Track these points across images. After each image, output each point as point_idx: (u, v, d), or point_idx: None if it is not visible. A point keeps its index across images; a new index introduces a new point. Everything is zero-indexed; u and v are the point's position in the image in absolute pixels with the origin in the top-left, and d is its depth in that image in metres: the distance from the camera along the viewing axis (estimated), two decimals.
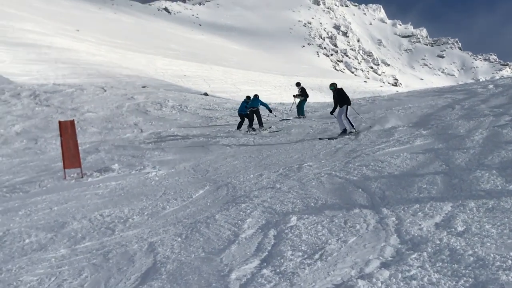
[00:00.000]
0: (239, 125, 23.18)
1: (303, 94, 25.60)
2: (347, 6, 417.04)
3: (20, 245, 9.43)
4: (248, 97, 24.26)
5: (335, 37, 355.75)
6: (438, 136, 14.40)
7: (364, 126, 17.89)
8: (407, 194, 9.49)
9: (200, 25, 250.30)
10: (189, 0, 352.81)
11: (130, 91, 32.59)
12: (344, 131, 17.62)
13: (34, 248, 9.22)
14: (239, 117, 23.78)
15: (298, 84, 26.69)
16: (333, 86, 18.72)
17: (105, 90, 31.66)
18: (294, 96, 26.69)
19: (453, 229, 7.26)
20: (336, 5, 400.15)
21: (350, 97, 18.50)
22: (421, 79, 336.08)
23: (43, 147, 19.33)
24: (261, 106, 23.63)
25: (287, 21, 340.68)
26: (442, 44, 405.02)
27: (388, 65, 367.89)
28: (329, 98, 54.47)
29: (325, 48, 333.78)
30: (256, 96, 24.06)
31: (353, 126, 17.62)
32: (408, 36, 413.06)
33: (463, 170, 10.50)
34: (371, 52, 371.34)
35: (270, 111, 24.24)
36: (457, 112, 17.69)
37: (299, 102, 25.77)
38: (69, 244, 9.17)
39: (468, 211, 7.94)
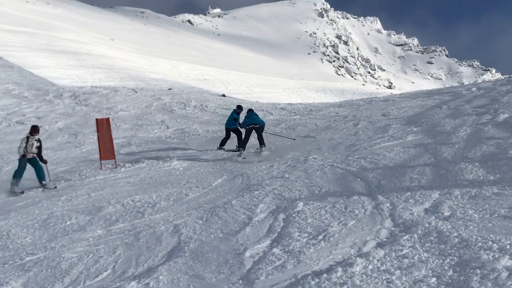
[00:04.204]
0: (223, 142, 16.94)
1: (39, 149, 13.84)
2: (347, 18, 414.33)
3: (62, 226, 9.51)
4: (239, 107, 17.50)
5: (337, 45, 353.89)
6: (427, 132, 14.33)
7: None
8: (400, 183, 9.48)
9: (219, 35, 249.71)
10: (209, 13, 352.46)
11: (158, 92, 32.62)
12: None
13: (74, 229, 9.29)
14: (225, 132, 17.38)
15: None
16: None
17: (135, 92, 31.74)
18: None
19: (440, 214, 7.25)
20: (338, 17, 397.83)
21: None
22: (413, 82, 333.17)
23: (82, 141, 19.41)
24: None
25: (295, 32, 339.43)
26: (431, 52, 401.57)
27: (384, 70, 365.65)
28: (331, 99, 54.37)
29: (328, 55, 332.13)
30: (250, 111, 17.06)
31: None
32: (401, 44, 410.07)
33: (449, 162, 10.47)
34: (368, 59, 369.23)
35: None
36: (444, 112, 17.57)
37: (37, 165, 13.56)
38: (105, 226, 9.23)
39: (454, 198, 7.93)
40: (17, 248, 8.42)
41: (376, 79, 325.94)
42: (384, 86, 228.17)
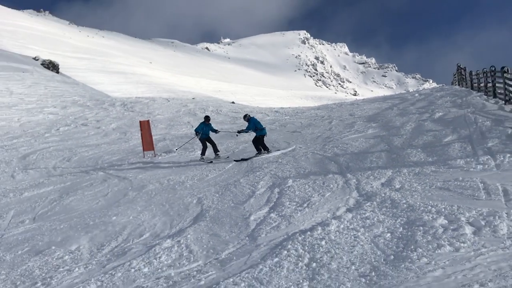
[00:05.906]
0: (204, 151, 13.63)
1: None
2: (323, 44, 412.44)
3: (117, 199, 9.53)
4: (207, 117, 14.00)
5: (316, 64, 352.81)
6: (382, 127, 14.30)
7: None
8: (363, 164, 9.47)
9: (229, 58, 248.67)
10: (221, 42, 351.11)
11: (184, 101, 32.49)
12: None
13: (126, 201, 9.30)
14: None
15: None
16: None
17: (168, 101, 31.60)
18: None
19: (393, 187, 7.26)
20: (316, 43, 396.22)
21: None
22: (372, 90, 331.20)
23: (130, 137, 19.35)
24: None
25: (285, 55, 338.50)
26: (385, 68, 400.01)
27: (350, 82, 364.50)
28: (312, 104, 54.23)
29: (309, 72, 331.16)
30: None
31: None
32: (363, 63, 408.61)
33: (399, 149, 10.47)
34: (339, 74, 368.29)
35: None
36: (395, 112, 17.52)
37: None
38: (147, 199, 9.24)
39: (402, 175, 7.93)
40: (82, 215, 8.44)
41: (344, 88, 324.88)
42: (350, 94, 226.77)
